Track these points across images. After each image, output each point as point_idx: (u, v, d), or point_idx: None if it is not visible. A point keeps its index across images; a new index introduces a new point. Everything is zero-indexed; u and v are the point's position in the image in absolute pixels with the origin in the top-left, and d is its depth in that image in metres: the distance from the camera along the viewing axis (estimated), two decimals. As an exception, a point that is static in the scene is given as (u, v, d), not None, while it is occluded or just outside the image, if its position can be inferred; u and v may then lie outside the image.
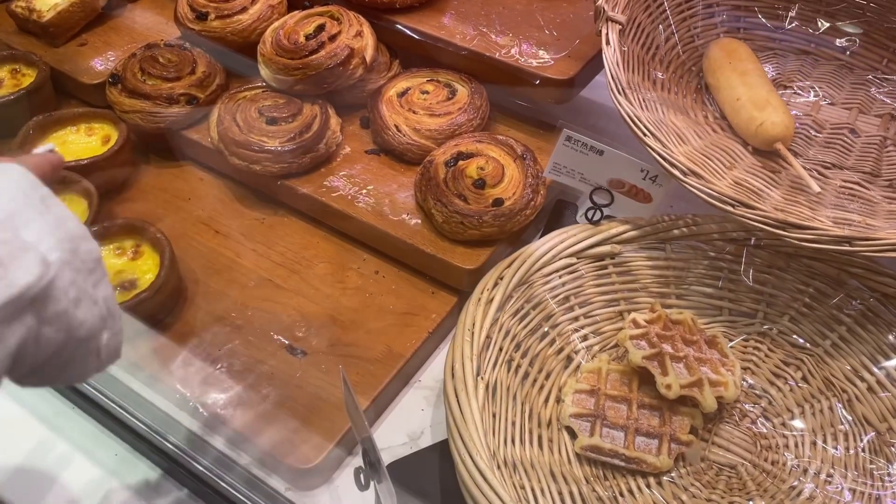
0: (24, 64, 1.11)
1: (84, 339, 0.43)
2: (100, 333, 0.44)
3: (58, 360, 0.43)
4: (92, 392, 0.80)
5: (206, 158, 1.03)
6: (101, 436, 0.80)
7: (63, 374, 0.45)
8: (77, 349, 0.43)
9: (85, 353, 0.44)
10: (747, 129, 0.87)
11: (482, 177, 0.89)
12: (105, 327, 0.45)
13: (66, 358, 0.43)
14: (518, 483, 0.71)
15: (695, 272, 0.87)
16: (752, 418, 0.80)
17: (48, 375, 0.44)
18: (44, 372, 0.43)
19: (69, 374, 0.45)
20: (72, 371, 0.45)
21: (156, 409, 0.79)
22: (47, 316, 0.40)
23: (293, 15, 1.03)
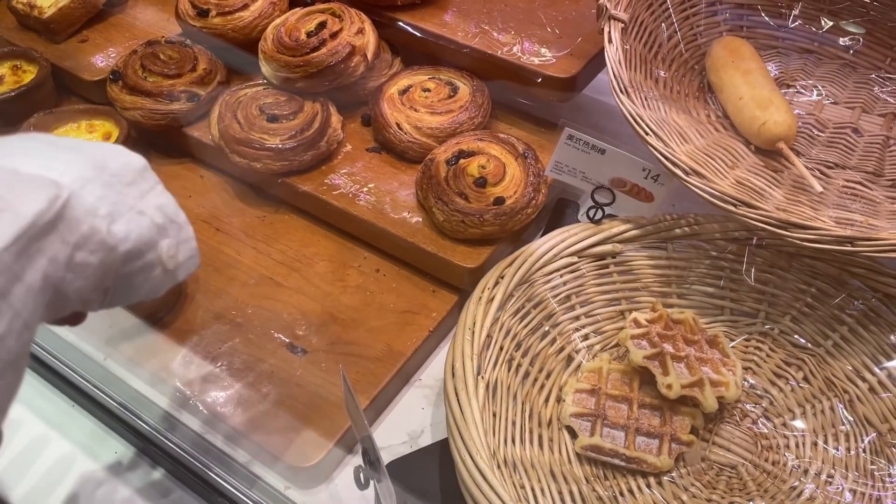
0: (25, 60, 1.11)
1: (134, 253, 0.40)
2: (156, 244, 0.41)
3: (112, 280, 0.40)
4: (92, 390, 0.80)
5: (207, 156, 1.03)
6: (102, 434, 0.80)
7: (129, 293, 0.42)
8: (130, 264, 0.40)
9: (143, 266, 0.41)
10: (750, 129, 0.87)
11: (483, 175, 0.89)
12: (163, 236, 0.42)
13: (123, 275, 0.40)
14: (518, 483, 0.71)
15: (696, 271, 0.87)
16: (753, 418, 0.80)
17: (115, 297, 0.41)
18: (109, 295, 0.41)
19: (136, 291, 0.42)
20: (138, 288, 0.42)
21: (156, 408, 0.79)
22: (75, 239, 0.37)
23: (294, 12, 1.03)
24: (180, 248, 0.43)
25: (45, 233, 0.36)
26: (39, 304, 0.36)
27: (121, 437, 0.79)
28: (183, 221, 0.44)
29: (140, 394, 0.79)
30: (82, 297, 0.39)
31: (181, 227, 0.44)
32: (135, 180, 0.42)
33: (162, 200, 0.43)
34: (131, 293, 0.41)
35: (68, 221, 0.37)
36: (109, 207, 0.39)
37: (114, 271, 0.40)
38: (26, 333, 0.36)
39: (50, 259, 0.36)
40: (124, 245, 0.39)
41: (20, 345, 0.35)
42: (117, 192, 0.40)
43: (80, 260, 0.37)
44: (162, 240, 0.42)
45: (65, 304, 0.38)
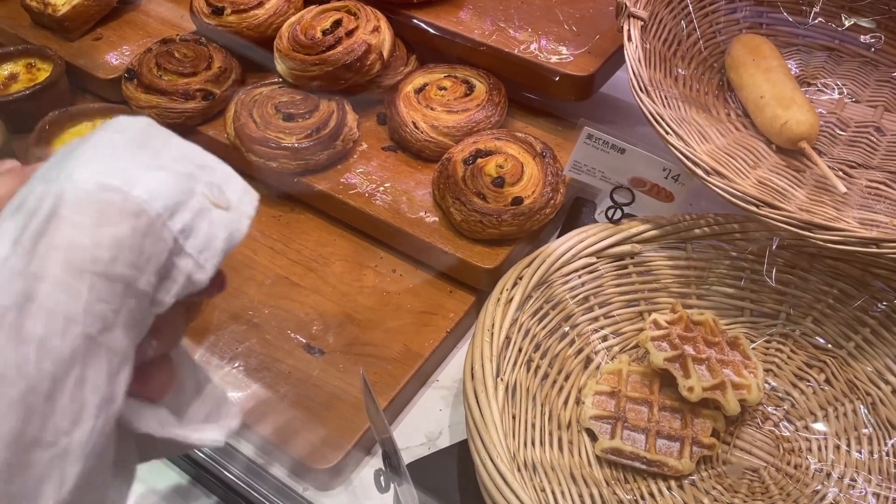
0: (39, 58, 1.11)
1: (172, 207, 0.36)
2: (192, 191, 0.37)
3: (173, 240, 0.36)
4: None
5: (222, 154, 1.00)
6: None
7: (211, 243, 0.37)
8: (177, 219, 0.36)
9: (197, 215, 0.37)
10: (771, 128, 0.86)
11: (501, 175, 0.88)
12: (196, 181, 0.38)
13: (182, 230, 0.36)
14: (538, 486, 0.70)
15: (716, 272, 0.86)
16: (775, 421, 0.79)
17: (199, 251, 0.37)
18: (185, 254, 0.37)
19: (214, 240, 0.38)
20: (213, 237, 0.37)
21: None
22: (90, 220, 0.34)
23: (310, 10, 1.02)
24: (226, 187, 0.39)
25: (45, 226, 0.32)
26: (83, 300, 0.32)
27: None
28: (214, 163, 0.40)
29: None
30: (142, 271, 0.34)
31: (214, 168, 0.39)
32: (144, 141, 0.38)
33: (181, 150, 0.39)
34: (211, 241, 0.37)
35: (73, 206, 0.33)
36: (122, 175, 0.35)
37: (160, 231, 0.35)
38: (80, 335, 0.32)
39: (67, 248, 0.32)
40: (155, 204, 0.35)
41: (81, 352, 0.32)
42: (127, 159, 0.36)
43: (107, 234, 0.33)
44: (197, 184, 0.37)
45: (125, 289, 0.34)
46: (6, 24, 1.18)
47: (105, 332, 0.32)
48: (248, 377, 0.80)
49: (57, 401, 0.31)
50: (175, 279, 0.36)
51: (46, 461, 0.31)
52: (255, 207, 0.40)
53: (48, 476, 0.31)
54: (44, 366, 0.30)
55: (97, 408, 0.32)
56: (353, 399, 0.78)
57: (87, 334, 0.31)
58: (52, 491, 0.31)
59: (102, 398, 0.32)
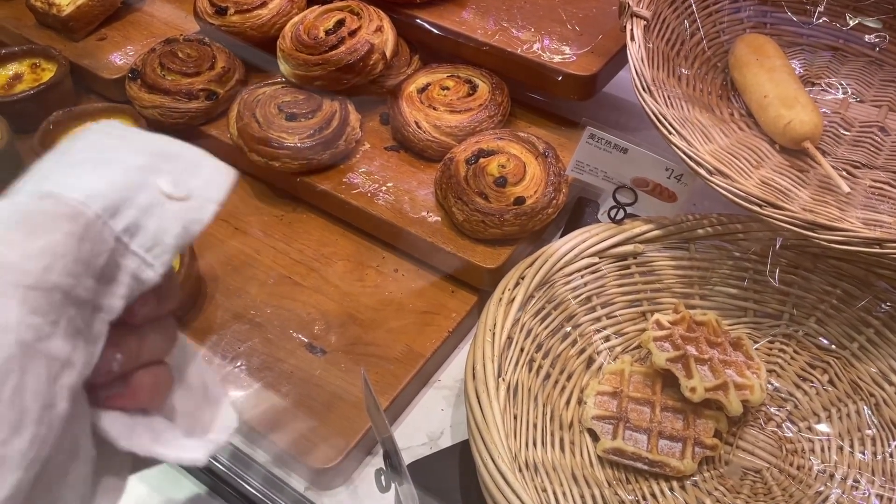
0: (44, 58, 1.11)
1: (117, 202, 0.35)
2: (145, 184, 0.36)
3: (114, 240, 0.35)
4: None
5: (225, 154, 1.01)
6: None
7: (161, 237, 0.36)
8: (121, 216, 0.35)
9: (144, 210, 0.36)
10: (775, 128, 0.86)
11: (503, 175, 0.88)
12: (155, 173, 0.37)
13: (127, 228, 0.35)
14: (540, 486, 0.70)
15: (719, 272, 0.86)
16: (778, 422, 0.79)
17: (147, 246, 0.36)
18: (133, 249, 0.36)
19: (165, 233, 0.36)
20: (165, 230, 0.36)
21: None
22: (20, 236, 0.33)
23: (313, 10, 1.02)
24: (188, 174, 0.37)
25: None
26: (13, 314, 0.31)
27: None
28: (180, 150, 0.38)
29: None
30: (81, 277, 0.33)
31: (179, 155, 0.38)
32: (97, 142, 0.37)
33: (142, 143, 0.38)
34: (162, 236, 0.36)
35: (3, 225, 0.33)
36: (57, 180, 0.34)
37: (99, 232, 0.34)
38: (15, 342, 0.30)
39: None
40: (92, 205, 0.34)
41: (17, 360, 0.31)
42: (68, 163, 0.36)
43: (38, 245, 0.32)
44: (152, 176, 0.36)
45: (64, 297, 0.33)
46: (11, 24, 1.19)
47: (42, 341, 0.31)
48: (251, 376, 0.80)
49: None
50: (121, 281, 0.35)
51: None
52: (223, 190, 0.38)
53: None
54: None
55: (38, 414, 0.31)
56: (355, 399, 0.78)
57: (21, 342, 0.31)
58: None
59: (42, 405, 0.31)
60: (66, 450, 0.34)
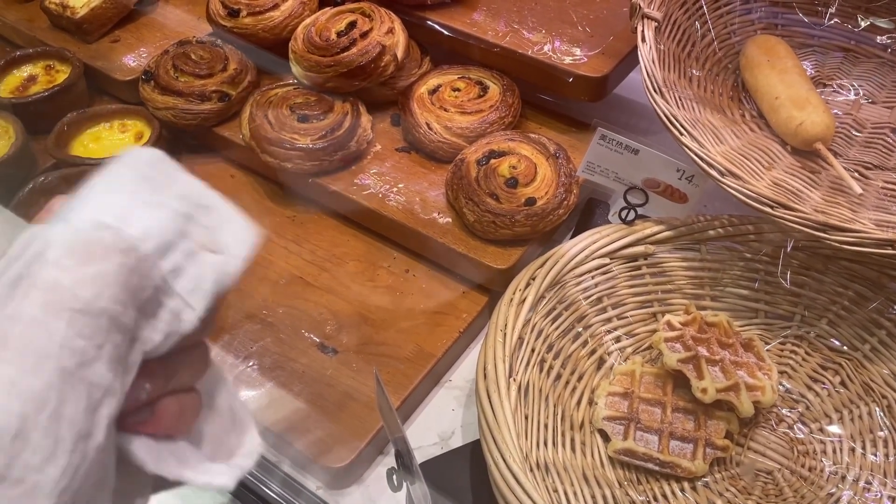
0: (58, 60, 1.12)
1: (164, 246, 0.37)
2: (187, 232, 0.38)
3: (161, 279, 0.37)
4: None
5: (238, 155, 1.03)
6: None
7: (200, 285, 0.38)
8: (168, 258, 0.37)
9: (187, 256, 0.38)
10: (786, 129, 0.86)
11: (514, 176, 0.88)
12: (191, 222, 0.39)
13: (173, 271, 0.37)
14: (551, 486, 0.70)
15: (730, 274, 0.86)
16: (789, 423, 0.79)
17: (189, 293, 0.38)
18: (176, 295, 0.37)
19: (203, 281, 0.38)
20: (202, 277, 0.38)
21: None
22: (74, 262, 0.35)
23: (324, 11, 1.03)
24: (221, 230, 0.40)
25: (26, 268, 0.33)
26: (59, 336, 0.32)
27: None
28: (215, 203, 0.40)
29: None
30: (127, 307, 0.35)
31: (213, 208, 0.40)
32: (148, 176, 0.39)
33: (184, 189, 0.39)
34: (200, 282, 0.37)
35: (60, 248, 0.34)
36: (117, 212, 0.36)
37: (150, 269, 0.36)
38: (55, 370, 0.31)
39: (46, 289, 0.33)
40: (147, 242, 0.36)
41: (56, 388, 0.31)
42: (127, 194, 0.37)
43: (92, 272, 0.34)
44: (190, 226, 0.38)
45: (110, 324, 0.34)
46: (25, 27, 1.20)
47: (84, 367, 0.32)
48: (263, 376, 0.80)
49: (28, 438, 0.30)
50: (162, 318, 0.36)
51: (13, 498, 0.30)
52: (250, 248, 0.41)
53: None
54: (12, 407, 0.30)
55: (73, 443, 0.32)
56: (366, 398, 0.78)
57: (63, 369, 0.31)
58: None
59: (79, 433, 0.32)
60: (95, 479, 0.34)
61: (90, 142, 1.02)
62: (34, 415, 0.30)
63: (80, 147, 1.01)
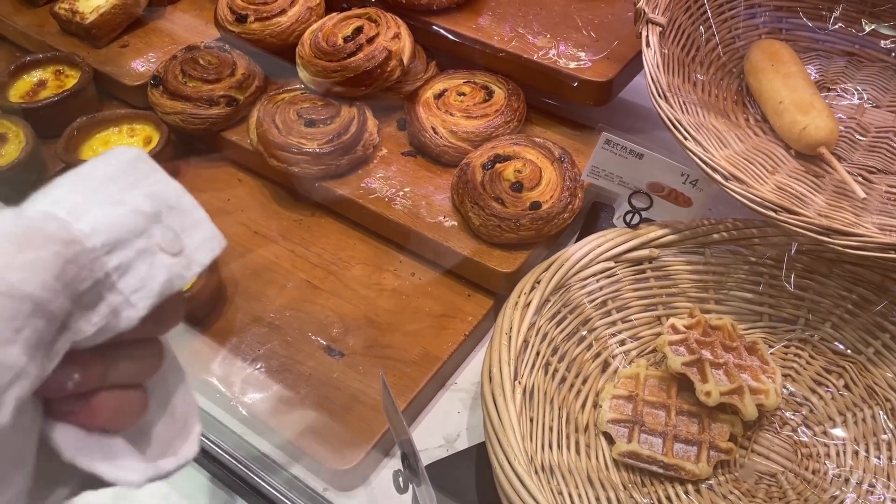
0: (68, 65, 1.13)
1: (112, 243, 0.38)
2: (144, 231, 0.39)
3: (99, 272, 0.37)
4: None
5: (245, 160, 1.04)
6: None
7: (145, 284, 0.38)
8: (115, 255, 0.38)
9: (137, 255, 0.38)
10: (790, 133, 0.86)
11: (519, 180, 0.89)
12: (155, 222, 0.39)
13: (117, 268, 0.38)
14: (556, 489, 0.71)
15: (734, 277, 0.86)
16: (793, 426, 0.79)
17: (130, 289, 0.38)
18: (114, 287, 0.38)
19: (149, 281, 0.38)
20: (150, 277, 0.38)
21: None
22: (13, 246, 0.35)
23: (331, 17, 1.04)
24: (187, 233, 0.40)
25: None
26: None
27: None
28: (187, 206, 0.41)
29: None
30: (56, 295, 0.35)
31: (184, 211, 0.40)
32: (118, 175, 0.39)
33: (156, 189, 0.40)
34: (148, 282, 0.38)
35: (5, 235, 0.34)
36: (70, 208, 0.37)
37: (92, 263, 0.36)
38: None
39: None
40: (94, 238, 0.36)
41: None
42: (88, 192, 0.38)
43: (24, 258, 0.34)
44: (153, 226, 0.39)
45: (33, 309, 0.34)
46: (35, 32, 1.21)
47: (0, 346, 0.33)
48: (271, 379, 0.81)
49: None
50: (99, 311, 0.37)
51: None
52: (213, 255, 0.41)
53: None
54: None
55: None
56: (373, 401, 0.79)
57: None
58: None
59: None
60: (9, 458, 0.35)
61: (99, 146, 1.03)
62: None
63: (90, 151, 1.02)
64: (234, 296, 0.89)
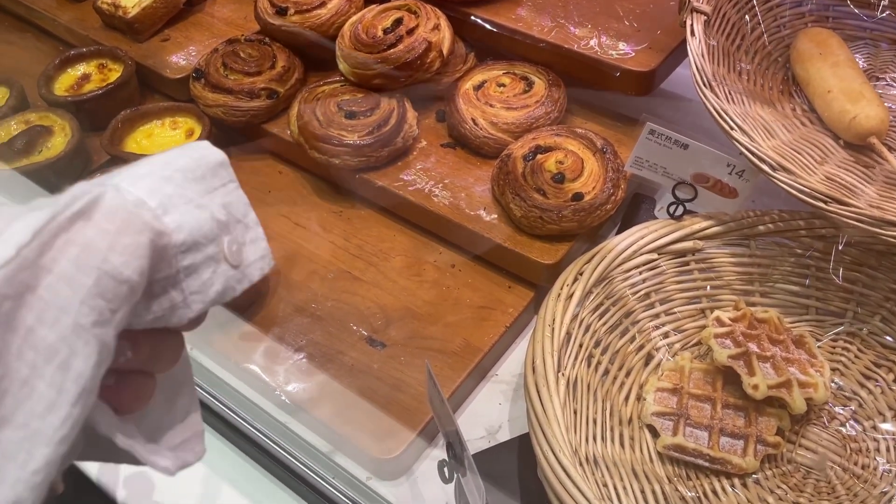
0: (111, 59, 1.15)
1: (191, 244, 0.39)
2: (217, 238, 0.40)
3: (176, 269, 0.39)
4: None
5: (286, 152, 1.05)
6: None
7: (205, 288, 0.40)
8: (190, 255, 0.39)
9: (206, 259, 0.39)
10: (839, 123, 0.84)
11: (561, 171, 0.88)
12: (226, 233, 0.41)
13: (188, 267, 0.39)
14: (600, 480, 0.70)
15: (780, 269, 0.85)
16: (842, 420, 0.78)
17: (192, 290, 0.39)
18: (183, 287, 0.39)
19: (209, 286, 0.40)
20: (210, 283, 0.40)
21: (241, 397, 0.81)
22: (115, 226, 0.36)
23: (371, 9, 1.04)
24: (247, 248, 0.42)
25: (70, 223, 0.34)
26: (82, 292, 0.33)
27: (208, 425, 0.81)
28: (251, 222, 0.43)
29: (225, 383, 0.82)
30: (145, 281, 0.36)
31: (248, 227, 0.43)
32: (204, 176, 0.41)
33: (230, 199, 0.42)
34: (206, 288, 0.40)
35: (105, 211, 0.35)
36: (161, 199, 0.38)
37: (171, 258, 0.38)
38: (71, 325, 0.33)
39: (83, 246, 0.34)
40: (178, 234, 0.38)
41: (68, 341, 0.33)
42: (176, 186, 0.39)
43: (126, 241, 0.35)
44: (224, 235, 0.41)
45: (129, 292, 0.35)
46: (78, 27, 1.23)
47: (99, 326, 0.34)
48: (313, 368, 0.81)
49: (34, 386, 0.32)
50: (161, 303, 0.38)
51: (15, 441, 0.32)
52: (262, 274, 0.43)
53: (13, 455, 0.32)
54: (25, 354, 0.32)
55: (76, 396, 0.33)
56: (414, 391, 0.79)
57: (78, 324, 0.33)
58: (15, 469, 0.32)
59: (83, 388, 0.33)
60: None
61: (143, 138, 1.04)
62: (43, 365, 0.32)
63: (133, 143, 1.03)
64: (277, 286, 0.90)
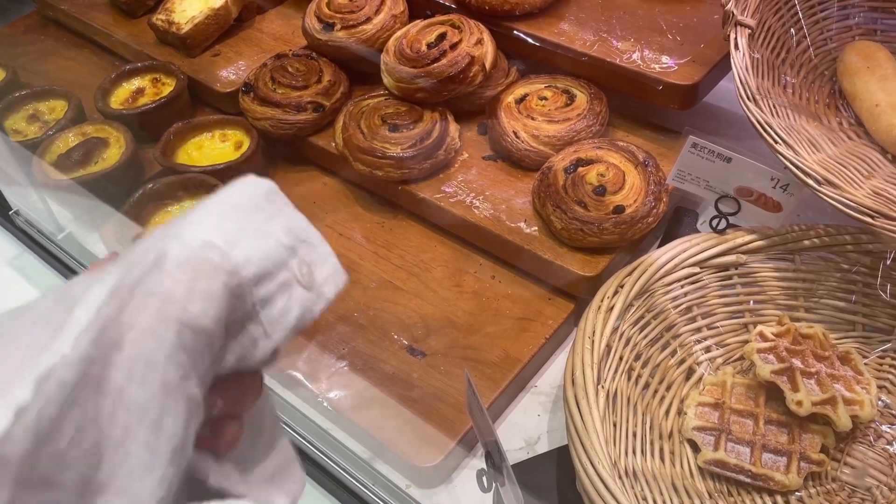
0: (164, 74, 1.19)
1: (263, 274, 0.38)
2: (286, 263, 0.40)
3: (253, 305, 0.38)
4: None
5: (330, 163, 1.07)
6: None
7: (283, 318, 0.39)
8: (264, 286, 0.38)
9: (280, 287, 0.39)
10: (887, 137, 0.83)
11: (602, 183, 0.88)
12: (293, 255, 0.40)
13: (263, 299, 0.38)
14: (640, 494, 0.70)
15: (826, 285, 0.84)
16: (888, 439, 0.76)
17: (272, 323, 0.39)
18: (263, 322, 0.38)
19: (287, 314, 0.39)
20: (287, 310, 0.39)
21: (284, 403, 0.82)
22: (187, 275, 0.36)
23: (415, 24, 1.06)
24: (316, 267, 0.41)
25: (145, 276, 0.34)
26: (167, 346, 0.33)
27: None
28: (316, 240, 0.42)
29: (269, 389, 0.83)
30: (222, 328, 0.36)
31: (314, 245, 0.42)
32: (259, 205, 0.40)
33: (291, 222, 0.41)
34: (284, 315, 0.39)
35: (175, 261, 0.35)
36: (226, 237, 0.37)
37: (247, 295, 0.37)
38: (159, 381, 0.32)
39: (162, 298, 0.34)
40: (248, 268, 0.37)
41: (158, 400, 0.32)
42: (235, 221, 0.39)
43: (201, 288, 0.35)
44: (292, 259, 0.40)
45: (207, 343, 0.35)
46: (133, 42, 1.28)
47: (184, 381, 0.33)
48: (354, 375, 0.83)
49: (129, 449, 0.31)
50: (241, 342, 0.37)
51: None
52: (337, 291, 0.42)
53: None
54: (118, 416, 0.31)
55: (170, 455, 0.32)
56: (454, 401, 0.80)
57: (165, 382, 0.32)
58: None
59: (176, 446, 0.33)
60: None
61: (193, 150, 1.07)
62: (136, 425, 0.32)
63: (185, 155, 1.07)
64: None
